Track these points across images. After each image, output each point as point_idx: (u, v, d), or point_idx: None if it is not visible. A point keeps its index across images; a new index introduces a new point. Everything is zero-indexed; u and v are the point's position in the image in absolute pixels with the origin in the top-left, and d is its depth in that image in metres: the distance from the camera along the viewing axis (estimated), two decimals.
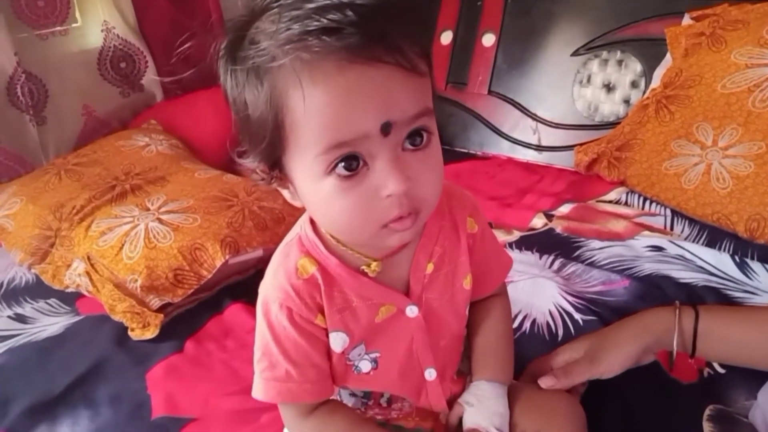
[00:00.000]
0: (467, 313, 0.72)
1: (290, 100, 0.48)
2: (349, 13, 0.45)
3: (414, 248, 0.63)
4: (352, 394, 0.70)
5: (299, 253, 0.61)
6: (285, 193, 0.59)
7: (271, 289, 0.61)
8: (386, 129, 0.48)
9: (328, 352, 0.64)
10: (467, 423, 0.67)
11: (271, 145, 0.52)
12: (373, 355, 0.65)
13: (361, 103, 0.47)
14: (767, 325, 0.70)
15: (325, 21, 0.45)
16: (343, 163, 0.49)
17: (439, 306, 0.66)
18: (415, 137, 0.51)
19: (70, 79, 1.70)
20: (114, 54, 1.79)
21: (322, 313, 0.61)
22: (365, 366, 0.65)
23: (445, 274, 0.66)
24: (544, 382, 0.71)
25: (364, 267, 0.60)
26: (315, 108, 0.47)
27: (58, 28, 1.70)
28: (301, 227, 0.63)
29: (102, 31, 1.76)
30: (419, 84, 0.50)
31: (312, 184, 0.52)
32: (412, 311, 0.64)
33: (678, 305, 0.75)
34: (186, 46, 0.58)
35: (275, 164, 0.55)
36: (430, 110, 0.51)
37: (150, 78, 1.85)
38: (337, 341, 0.62)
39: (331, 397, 0.67)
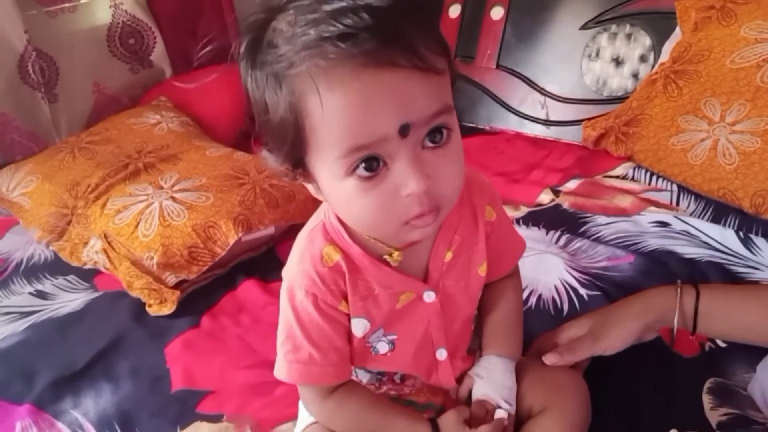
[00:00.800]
0: (479, 296, 0.74)
1: (308, 105, 0.49)
2: (365, 16, 0.45)
3: (434, 237, 0.65)
4: (368, 371, 0.72)
5: (324, 241, 0.62)
6: (310, 187, 0.59)
7: (296, 275, 0.63)
8: (404, 131, 0.49)
9: (349, 336, 0.66)
10: (476, 395, 0.69)
11: (293, 146, 0.53)
12: (390, 338, 0.67)
13: (378, 107, 0.48)
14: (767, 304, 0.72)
15: (341, 26, 0.45)
16: (363, 165, 0.50)
17: (455, 292, 0.68)
18: (435, 135, 0.51)
19: (80, 56, 1.72)
20: (123, 30, 1.79)
21: (346, 299, 0.63)
22: (383, 348, 0.67)
23: (462, 262, 0.67)
24: (549, 359, 0.73)
25: (386, 256, 0.62)
26: (333, 113, 0.48)
27: (67, 4, 1.70)
28: (325, 214, 0.64)
29: (110, 7, 1.77)
30: (437, 82, 0.50)
31: (334, 184, 0.53)
32: (429, 297, 0.66)
33: (680, 284, 0.76)
34: (206, 50, 0.58)
35: (299, 163, 0.55)
36: (449, 107, 0.52)
37: (159, 54, 1.86)
38: (359, 327, 0.65)
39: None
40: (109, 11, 1.77)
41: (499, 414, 0.66)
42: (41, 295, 1.17)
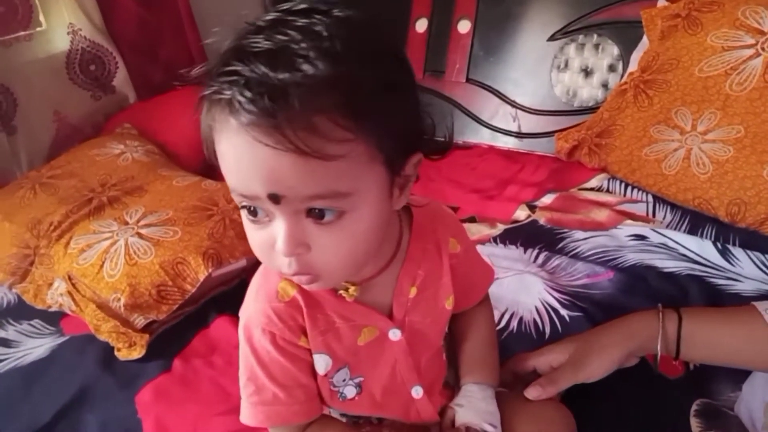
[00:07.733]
0: (446, 328, 0.72)
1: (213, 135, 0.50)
2: (253, 88, 0.44)
3: (397, 272, 0.63)
4: (343, 414, 0.70)
5: (279, 277, 0.60)
6: None
7: (252, 313, 0.61)
8: (274, 199, 0.47)
9: (314, 372, 0.63)
10: (459, 422, 0.67)
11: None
12: (357, 380, 0.65)
13: (247, 171, 0.47)
14: (749, 327, 0.71)
15: (232, 93, 0.45)
16: (246, 208, 0.51)
17: (422, 327, 0.66)
18: (316, 213, 0.49)
19: (39, 86, 1.66)
20: (82, 57, 1.74)
21: (305, 334, 0.61)
22: (350, 392, 0.66)
23: (428, 297, 0.66)
24: (531, 393, 0.71)
25: (342, 291, 0.60)
26: (221, 154, 0.49)
27: (22, 33, 1.65)
28: None
29: (68, 33, 1.71)
30: (320, 167, 0.46)
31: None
32: (395, 335, 0.64)
33: (661, 308, 0.75)
34: None
35: None
36: (338, 193, 0.48)
37: (122, 79, 1.81)
38: (320, 363, 0.63)
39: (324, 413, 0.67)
40: (68, 38, 1.71)
41: None
42: (5, 342, 1.11)
